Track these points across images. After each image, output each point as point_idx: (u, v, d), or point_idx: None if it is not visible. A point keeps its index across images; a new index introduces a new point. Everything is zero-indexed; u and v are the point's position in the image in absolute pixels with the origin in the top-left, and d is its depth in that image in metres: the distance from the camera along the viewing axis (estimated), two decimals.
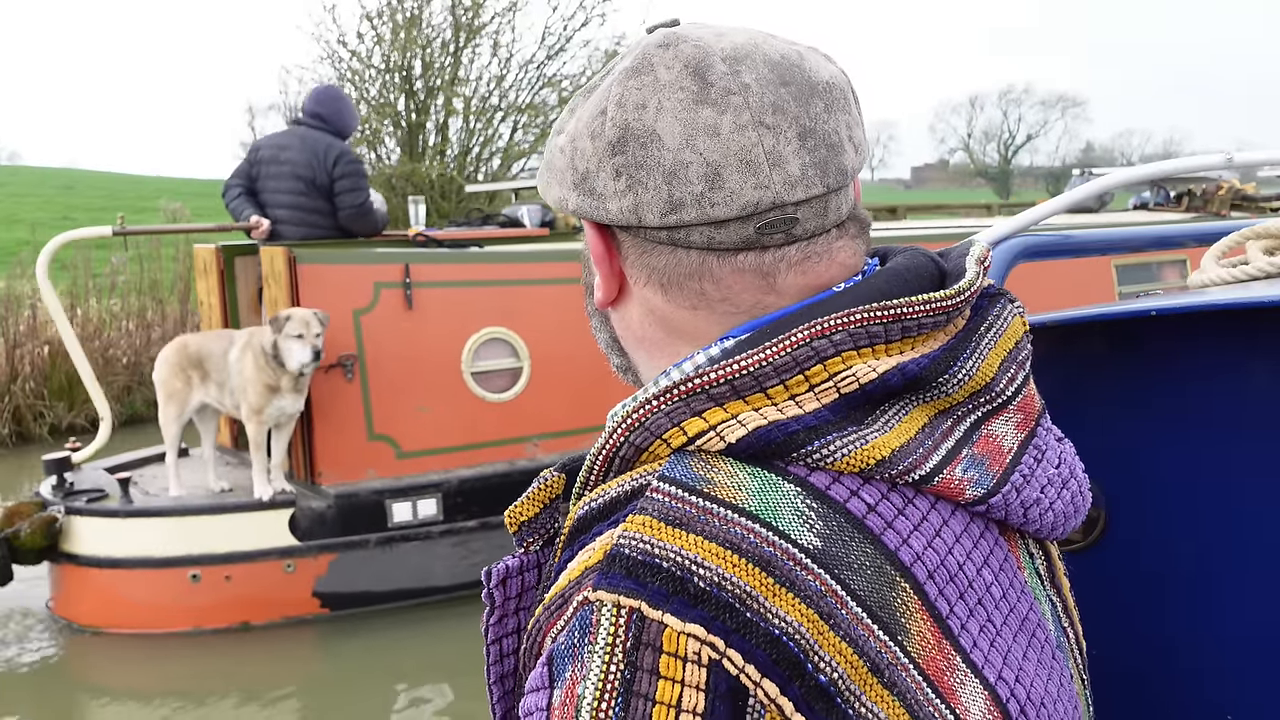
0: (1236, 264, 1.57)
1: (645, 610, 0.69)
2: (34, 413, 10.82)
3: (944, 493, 0.81)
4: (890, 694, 0.72)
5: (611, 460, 0.81)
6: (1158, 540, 1.30)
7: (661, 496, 0.74)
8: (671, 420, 0.78)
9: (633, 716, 0.67)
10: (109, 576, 5.73)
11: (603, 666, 0.69)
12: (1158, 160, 8.97)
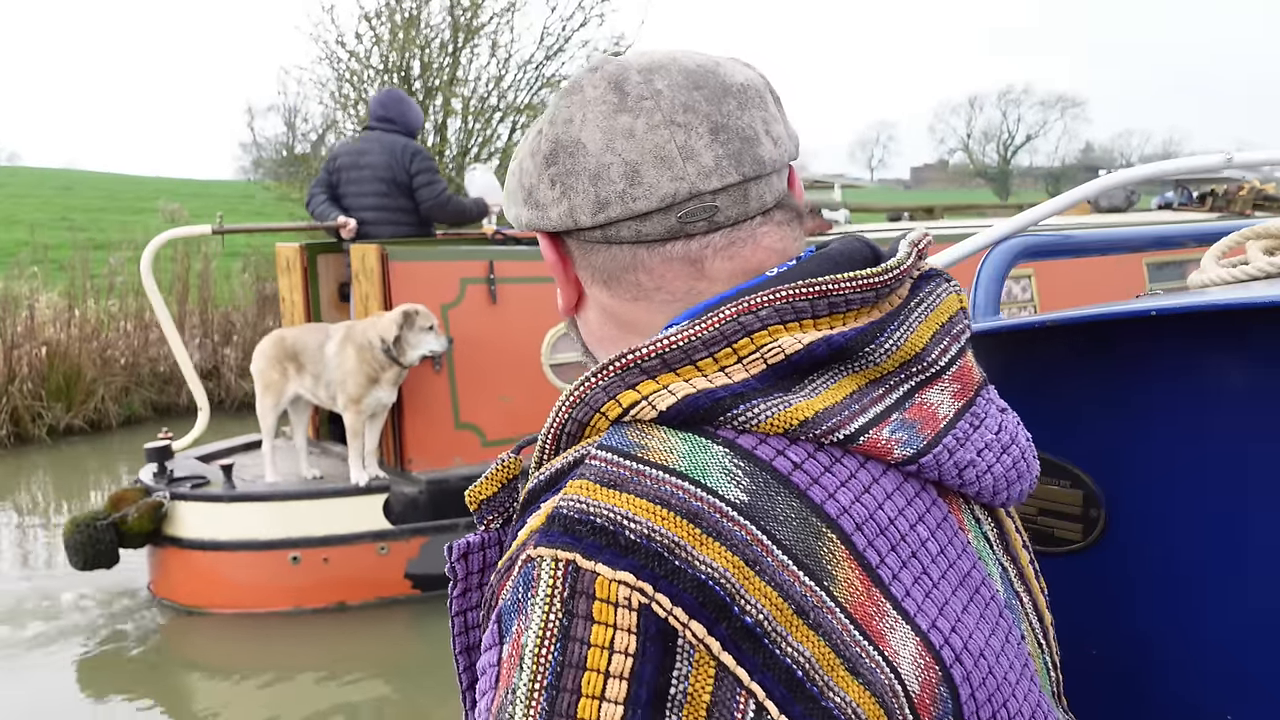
0: (1236, 264, 1.57)
1: (580, 561, 0.75)
2: (32, 414, 10.81)
3: (871, 452, 0.86)
4: (816, 634, 0.76)
5: (559, 437, 0.87)
6: (1157, 540, 1.30)
7: (599, 463, 0.80)
8: (607, 394, 0.85)
9: (569, 660, 0.73)
10: (212, 559, 6.01)
11: (543, 616, 0.74)
12: (1157, 160, 9.03)
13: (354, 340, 5.91)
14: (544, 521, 0.79)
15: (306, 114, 17.93)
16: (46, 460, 10.40)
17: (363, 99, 15.78)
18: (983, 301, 1.65)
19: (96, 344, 11.68)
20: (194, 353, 12.45)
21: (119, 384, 11.68)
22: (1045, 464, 1.36)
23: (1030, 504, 1.38)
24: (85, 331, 11.67)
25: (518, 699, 0.74)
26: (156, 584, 6.32)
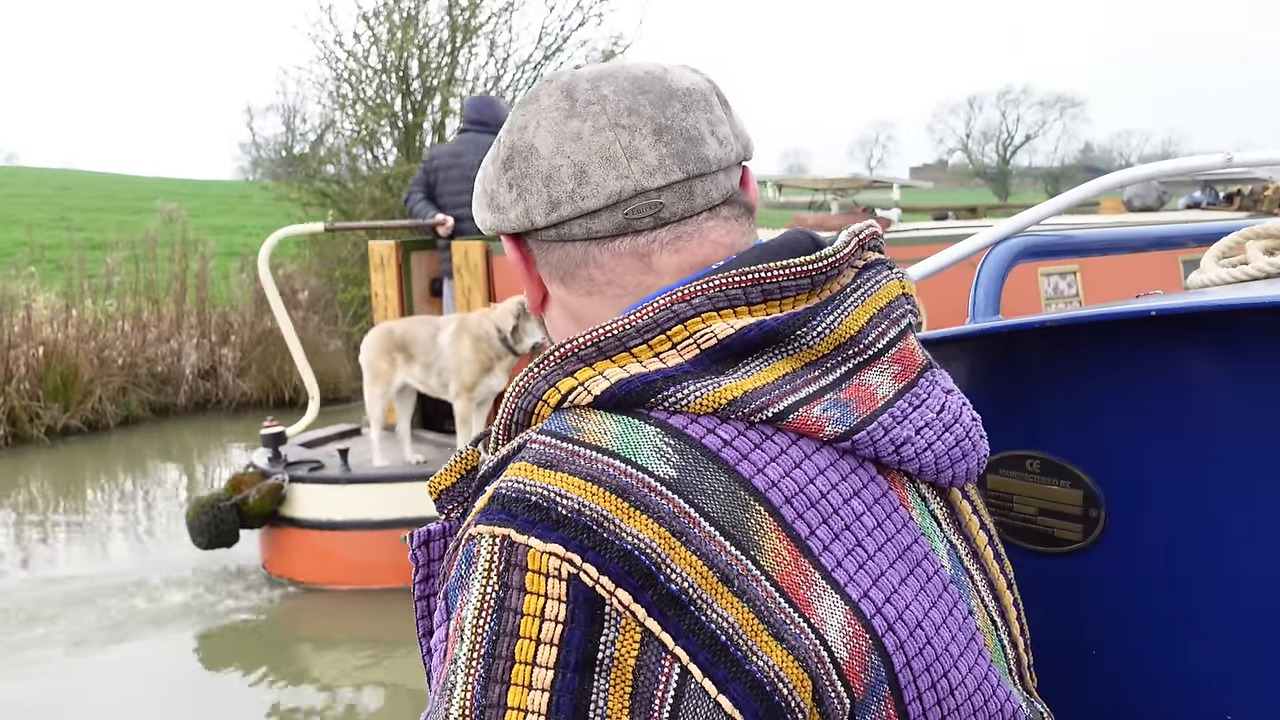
0: (1236, 264, 1.57)
1: (514, 536, 0.80)
2: (29, 414, 10.80)
3: (802, 429, 0.89)
4: (740, 600, 0.80)
5: (510, 426, 0.92)
6: (1157, 541, 1.29)
7: (537, 445, 0.86)
8: (548, 382, 0.90)
9: (504, 629, 0.77)
10: (328, 538, 6.32)
11: (480, 589, 0.80)
12: (1156, 160, 9.10)
13: (469, 330, 6.18)
14: (485, 503, 0.84)
15: (305, 114, 17.91)
16: (44, 461, 10.39)
17: (361, 99, 15.77)
18: (983, 301, 1.65)
19: (94, 344, 11.66)
20: (190, 353, 12.44)
21: (116, 384, 11.67)
22: (1045, 464, 1.36)
23: (1030, 504, 1.38)
24: (83, 332, 11.65)
25: (459, 668, 0.78)
26: (271, 562, 6.68)
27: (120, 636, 5.97)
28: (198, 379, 12.50)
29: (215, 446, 11.52)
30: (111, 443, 11.08)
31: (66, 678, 5.51)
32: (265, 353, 12.91)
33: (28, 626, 6.18)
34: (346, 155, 16.32)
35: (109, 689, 5.39)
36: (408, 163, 15.51)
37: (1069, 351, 1.35)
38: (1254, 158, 1.89)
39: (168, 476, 10.36)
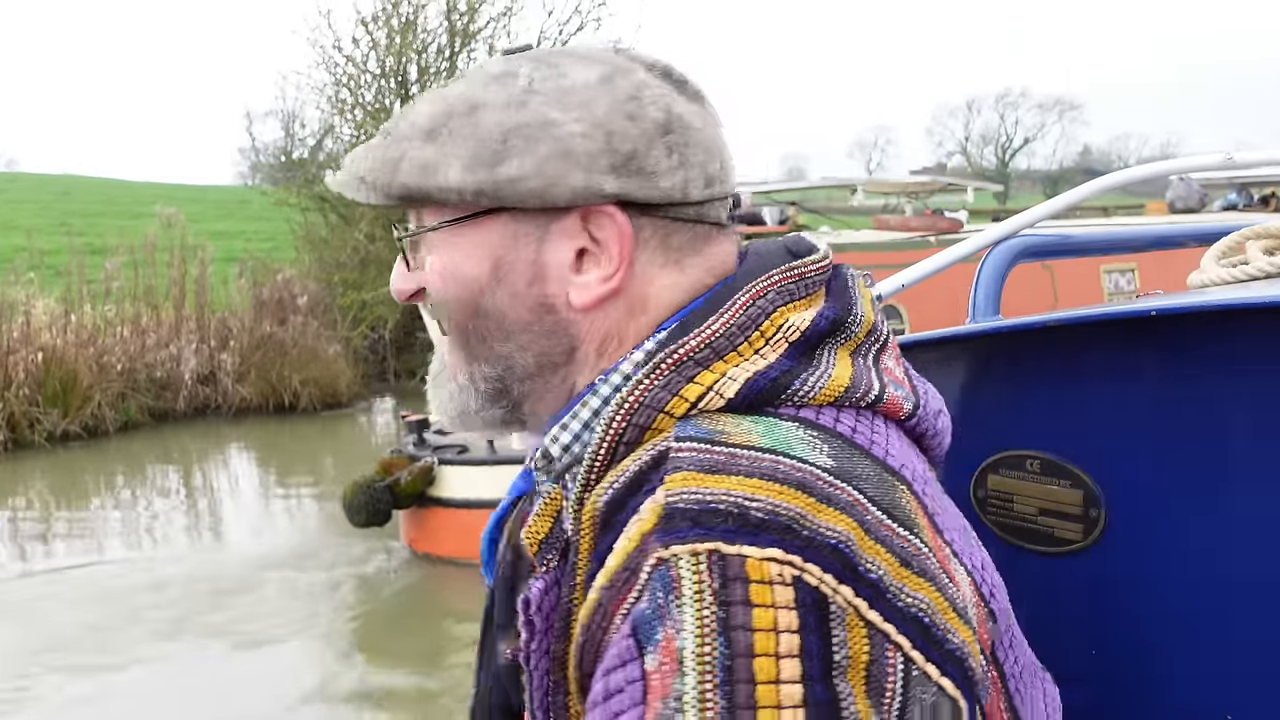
0: (1236, 264, 1.57)
1: (722, 548, 0.74)
2: (29, 419, 10.80)
3: (889, 412, 0.91)
4: (923, 580, 0.79)
5: (615, 448, 0.86)
6: (1157, 540, 1.29)
7: (689, 453, 0.80)
8: (670, 391, 0.85)
9: (736, 651, 0.71)
10: (475, 516, 6.64)
11: (695, 614, 0.73)
12: (1155, 162, 9.33)
13: None
14: (658, 521, 0.77)
15: (304, 119, 17.93)
16: (44, 466, 10.39)
17: (360, 103, 15.79)
18: (983, 301, 1.65)
19: (93, 350, 11.68)
20: (190, 358, 12.44)
21: (116, 390, 11.68)
22: (1045, 464, 1.35)
23: (1030, 504, 1.38)
24: (82, 337, 11.66)
25: (686, 705, 0.72)
26: (418, 541, 7.11)
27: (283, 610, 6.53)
28: (197, 384, 12.50)
29: (215, 451, 11.52)
30: (111, 448, 11.08)
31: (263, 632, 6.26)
32: (264, 358, 12.92)
33: (234, 595, 6.70)
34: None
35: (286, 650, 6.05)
36: None
37: (1069, 351, 1.35)
38: (1254, 157, 1.89)
39: (277, 472, 10.36)
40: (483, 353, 0.96)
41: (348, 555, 7.64)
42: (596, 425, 0.88)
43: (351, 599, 6.69)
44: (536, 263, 0.94)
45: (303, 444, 11.95)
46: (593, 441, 0.86)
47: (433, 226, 0.95)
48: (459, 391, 0.98)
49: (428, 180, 0.92)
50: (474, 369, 0.97)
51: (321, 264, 15.80)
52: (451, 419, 0.99)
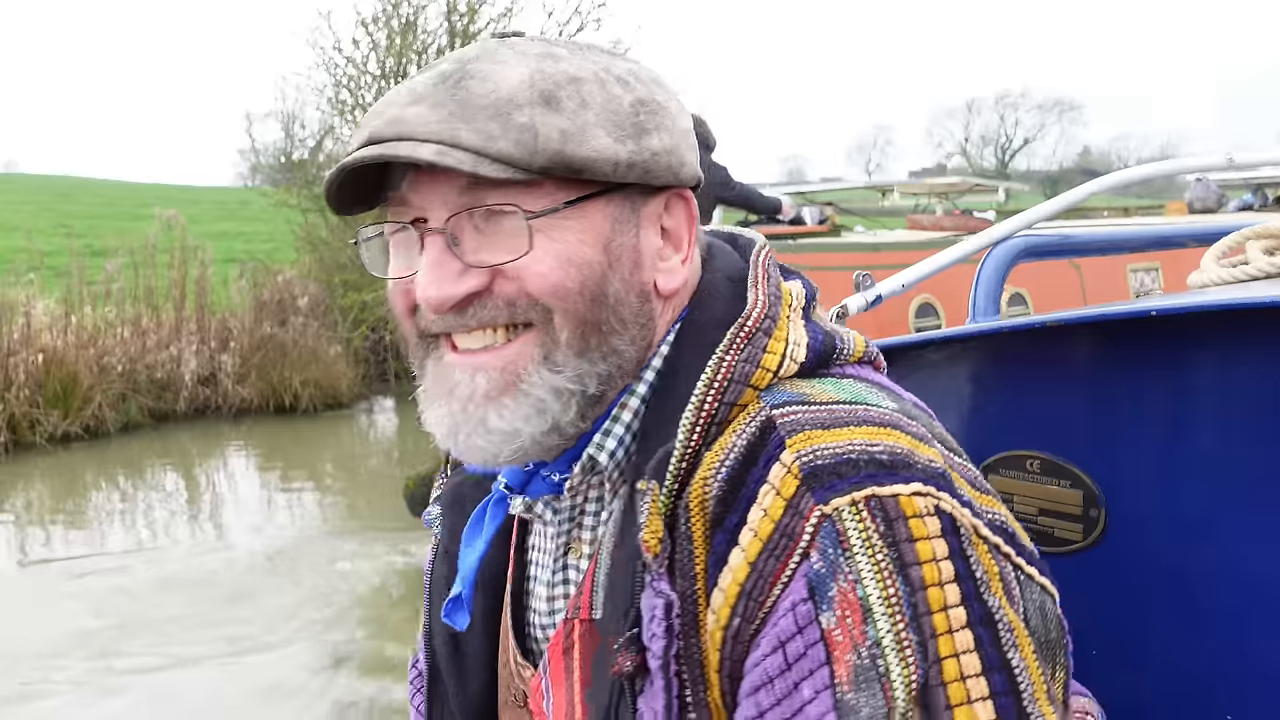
0: (1236, 264, 1.57)
1: (877, 491, 0.78)
2: (29, 421, 10.79)
3: (878, 365, 0.98)
4: (990, 496, 0.85)
5: (708, 429, 0.85)
6: (1157, 540, 1.29)
7: (794, 416, 0.84)
8: (751, 364, 0.87)
9: (914, 587, 0.76)
10: None
11: (870, 561, 0.76)
12: (1155, 162, 9.51)
13: None
14: (801, 481, 0.79)
15: (304, 120, 17.91)
16: (44, 468, 10.39)
17: (360, 104, 15.77)
18: (983, 301, 1.65)
19: (93, 351, 11.67)
20: (190, 359, 12.44)
21: (116, 391, 11.66)
22: (1045, 464, 1.35)
23: (1030, 504, 1.38)
24: (82, 338, 11.66)
25: (886, 648, 0.75)
26: None
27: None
28: (197, 385, 12.50)
29: (216, 452, 11.52)
30: (111, 449, 11.08)
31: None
32: (265, 359, 12.91)
33: (235, 594, 6.25)
34: None
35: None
36: None
37: (1069, 351, 1.35)
38: (1254, 158, 1.89)
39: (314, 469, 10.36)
40: (599, 348, 0.90)
41: (349, 554, 7.64)
42: (668, 420, 0.86)
43: (354, 598, 6.67)
44: (636, 247, 0.92)
45: (303, 445, 11.95)
46: (682, 431, 0.85)
47: (571, 200, 0.88)
48: (554, 400, 0.89)
49: (578, 148, 0.86)
50: (584, 368, 0.89)
51: (322, 265, 15.78)
52: (516, 448, 0.89)
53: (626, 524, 0.88)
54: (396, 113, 0.86)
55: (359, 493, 9.97)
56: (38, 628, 6.20)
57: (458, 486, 1.09)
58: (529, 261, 0.86)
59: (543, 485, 0.96)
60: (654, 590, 0.83)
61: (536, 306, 0.87)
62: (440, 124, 0.84)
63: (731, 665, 0.82)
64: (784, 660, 0.77)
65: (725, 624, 0.81)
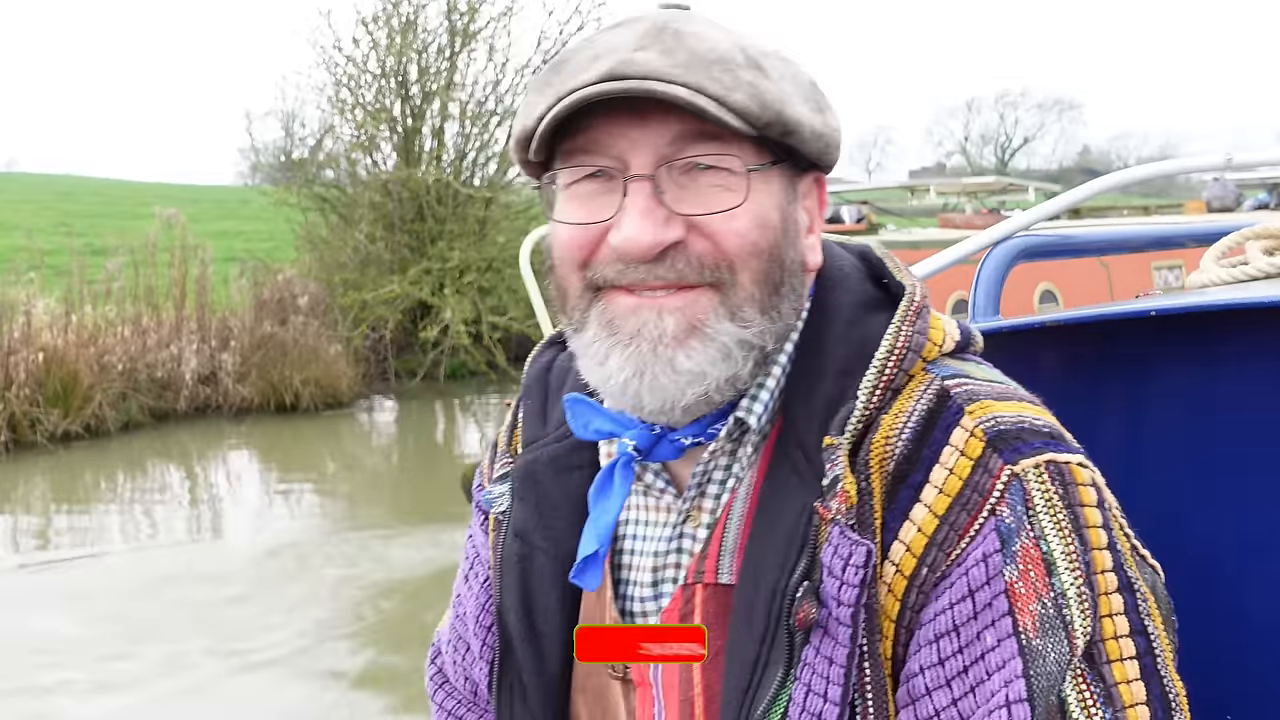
0: (1236, 264, 1.57)
1: (1055, 458, 0.86)
2: (29, 419, 10.79)
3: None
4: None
5: (885, 393, 0.90)
6: (1158, 541, 1.29)
7: (967, 387, 0.90)
8: (922, 336, 0.92)
9: (1086, 547, 0.83)
10: None
11: (1053, 520, 0.84)
12: (1155, 162, 9.77)
13: None
14: (988, 442, 0.86)
15: (304, 119, 17.92)
16: (45, 467, 10.39)
17: (360, 103, 15.78)
18: (983, 301, 1.65)
19: (94, 350, 11.66)
20: (190, 358, 12.44)
21: (116, 390, 11.66)
22: None
23: None
24: (82, 337, 11.65)
25: (1069, 600, 0.82)
26: None
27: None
28: (198, 384, 12.50)
29: (216, 451, 11.52)
30: (112, 448, 11.08)
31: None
32: (265, 358, 12.92)
33: (236, 594, 6.23)
34: (345, 160, 16.33)
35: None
36: (406, 167, 15.51)
37: (1069, 351, 1.35)
38: (1253, 158, 1.89)
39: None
40: (777, 307, 0.93)
41: (351, 553, 7.64)
42: (853, 381, 0.90)
43: (355, 596, 6.67)
44: (797, 220, 0.96)
45: (304, 444, 11.95)
46: (863, 392, 0.89)
47: (769, 163, 0.91)
48: (737, 350, 0.91)
49: (791, 111, 0.90)
50: (766, 325, 0.92)
51: (322, 264, 15.79)
52: (701, 390, 0.90)
53: (775, 484, 0.91)
54: (626, 55, 0.87)
55: (360, 491, 9.98)
56: (38, 626, 6.20)
57: (529, 465, 1.08)
58: (731, 217, 0.89)
59: (668, 449, 0.97)
60: (847, 540, 0.85)
61: (723, 266, 0.90)
62: (679, 69, 0.86)
63: (911, 615, 0.86)
64: (972, 608, 0.83)
65: (911, 573, 0.85)
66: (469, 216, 15.78)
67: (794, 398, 0.93)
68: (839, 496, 0.85)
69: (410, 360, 15.23)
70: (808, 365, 0.94)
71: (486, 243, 15.81)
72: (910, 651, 0.85)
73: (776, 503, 0.90)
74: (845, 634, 0.84)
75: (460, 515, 8.62)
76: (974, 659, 0.82)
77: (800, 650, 0.86)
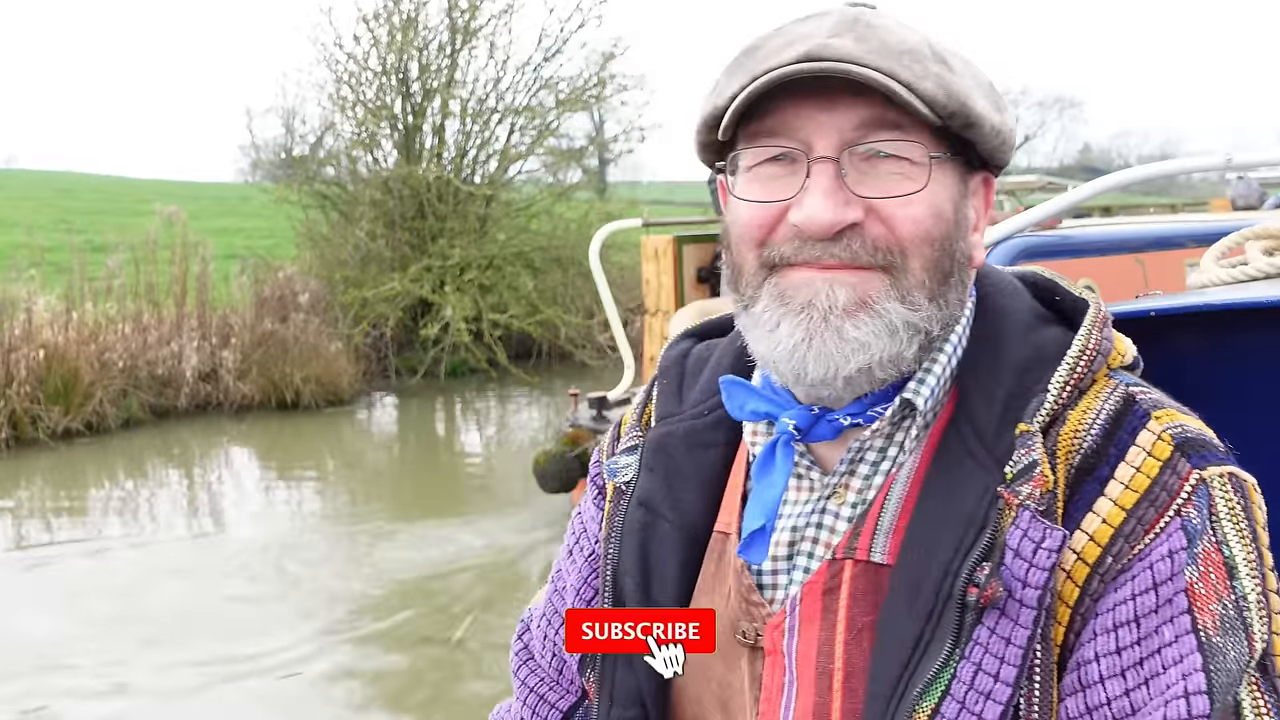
0: (1236, 264, 1.57)
1: (1235, 471, 0.91)
2: (30, 416, 10.80)
3: None
4: None
5: (1073, 391, 0.94)
6: None
7: (1153, 396, 0.96)
8: (1109, 344, 0.98)
9: (1261, 556, 0.88)
10: None
11: (1235, 527, 0.88)
12: (1156, 161, 9.85)
13: None
14: (1176, 448, 0.91)
15: (305, 116, 17.92)
16: (46, 463, 10.39)
17: (360, 101, 15.77)
18: None
19: (94, 347, 11.67)
20: (191, 355, 12.44)
21: (117, 387, 11.67)
22: None
23: None
24: (83, 334, 11.66)
25: (1250, 603, 0.85)
26: None
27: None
28: (198, 381, 12.50)
29: (217, 448, 11.53)
30: (113, 444, 11.09)
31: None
32: (266, 355, 12.92)
33: (237, 594, 6.22)
34: (346, 157, 16.32)
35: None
36: (407, 165, 15.51)
37: None
38: (1253, 158, 1.89)
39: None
40: (945, 295, 0.97)
41: (351, 551, 7.65)
42: (1041, 376, 0.95)
43: (356, 595, 6.66)
44: (966, 216, 0.99)
45: (305, 441, 11.95)
46: (1055, 385, 0.93)
47: (949, 154, 0.95)
48: (904, 330, 0.94)
49: (975, 104, 0.95)
50: (933, 312, 0.95)
51: (322, 261, 15.79)
52: (865, 360, 0.93)
53: (946, 467, 0.94)
54: (822, 41, 0.92)
55: (361, 488, 9.98)
56: (37, 624, 6.21)
57: (663, 438, 1.12)
58: (908, 203, 0.92)
59: (826, 429, 1.00)
60: (1039, 524, 0.88)
61: (896, 251, 0.93)
62: (873, 55, 0.90)
63: (1089, 602, 0.89)
64: (1154, 601, 0.86)
65: (1095, 561, 0.89)
66: (469, 214, 15.78)
67: (970, 386, 0.97)
68: (1035, 481, 0.89)
69: (411, 358, 15.23)
70: (983, 357, 0.99)
71: (487, 240, 15.81)
72: (1084, 638, 0.89)
73: (948, 485, 0.93)
74: (1028, 616, 0.87)
75: (462, 513, 8.62)
76: (1151, 651, 0.86)
77: (971, 630, 0.88)
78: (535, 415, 13.69)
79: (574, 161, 17.77)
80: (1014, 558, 0.87)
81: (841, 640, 0.95)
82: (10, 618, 6.33)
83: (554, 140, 16.96)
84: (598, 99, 16.75)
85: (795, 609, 0.98)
